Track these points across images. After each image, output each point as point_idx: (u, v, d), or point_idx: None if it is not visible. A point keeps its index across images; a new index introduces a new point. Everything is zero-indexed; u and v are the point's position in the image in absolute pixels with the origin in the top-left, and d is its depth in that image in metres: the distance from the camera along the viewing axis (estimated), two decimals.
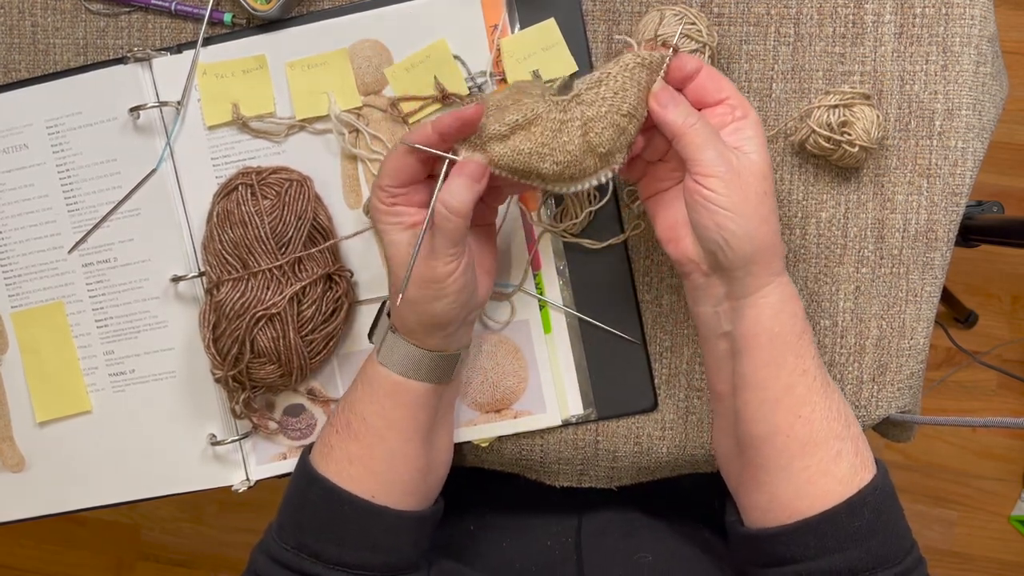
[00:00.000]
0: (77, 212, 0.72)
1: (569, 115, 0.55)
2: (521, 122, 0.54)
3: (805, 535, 0.55)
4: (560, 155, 0.55)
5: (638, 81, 0.55)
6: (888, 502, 0.57)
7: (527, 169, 0.55)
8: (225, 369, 0.67)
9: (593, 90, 0.55)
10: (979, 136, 0.67)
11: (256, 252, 0.66)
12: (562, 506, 0.77)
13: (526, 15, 0.68)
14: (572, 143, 0.55)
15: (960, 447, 1.57)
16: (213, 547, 1.71)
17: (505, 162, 0.55)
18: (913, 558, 0.56)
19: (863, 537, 0.55)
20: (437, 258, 0.56)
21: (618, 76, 0.55)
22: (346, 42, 0.69)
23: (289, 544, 0.61)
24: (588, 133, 0.55)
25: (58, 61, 0.73)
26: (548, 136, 0.54)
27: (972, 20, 0.66)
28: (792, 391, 0.57)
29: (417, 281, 0.57)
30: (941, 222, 0.68)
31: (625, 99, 0.55)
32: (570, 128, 0.55)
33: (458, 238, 0.55)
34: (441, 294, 0.57)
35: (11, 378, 0.74)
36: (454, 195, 0.54)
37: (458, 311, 0.59)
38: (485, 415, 0.71)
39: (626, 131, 0.55)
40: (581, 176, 0.56)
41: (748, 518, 0.60)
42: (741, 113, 0.56)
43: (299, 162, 0.70)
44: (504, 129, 0.54)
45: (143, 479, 0.74)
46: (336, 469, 0.61)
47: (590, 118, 0.54)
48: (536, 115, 0.54)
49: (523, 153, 0.54)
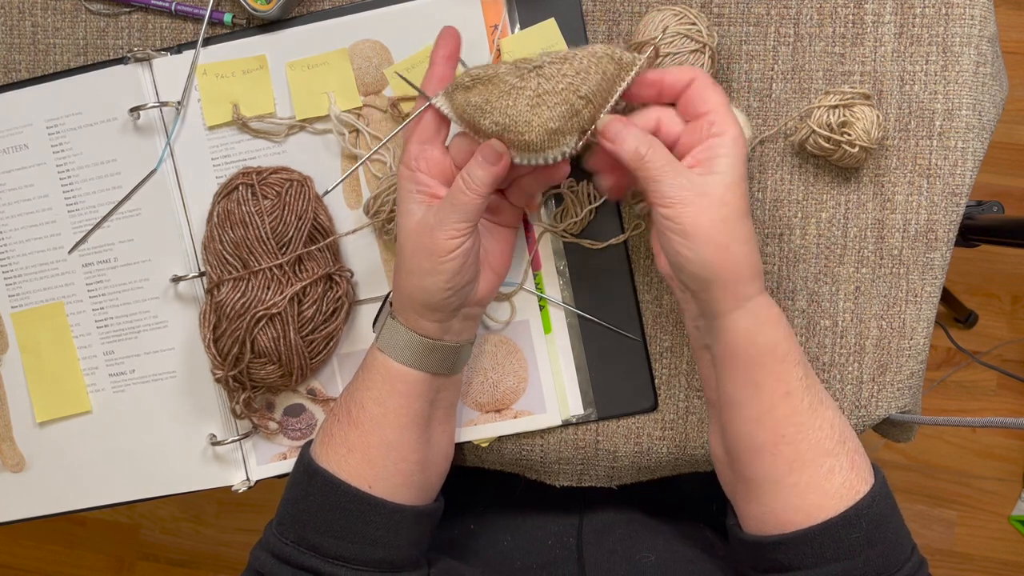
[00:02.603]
0: (77, 212, 0.72)
1: (524, 83, 0.55)
2: (482, 77, 0.56)
3: (802, 545, 0.55)
4: (499, 116, 0.55)
5: (603, 70, 0.55)
6: (886, 512, 0.57)
7: (471, 121, 0.57)
8: (225, 369, 0.68)
9: (556, 65, 0.55)
10: (979, 136, 0.67)
11: (256, 252, 0.66)
12: (563, 505, 0.77)
13: (526, 15, 0.68)
14: (515, 108, 0.55)
15: (960, 447, 1.57)
16: (213, 547, 1.71)
17: (459, 111, 0.57)
18: (912, 564, 0.57)
19: (860, 547, 0.55)
20: (442, 227, 0.56)
21: (584, 59, 0.55)
22: (346, 42, 0.69)
23: (289, 538, 0.61)
24: (539, 106, 0.55)
25: (58, 61, 0.73)
26: (495, 95, 0.55)
27: (972, 20, 0.66)
28: (773, 412, 0.56)
29: (417, 250, 0.57)
30: (941, 222, 0.68)
31: (585, 81, 0.55)
32: (519, 95, 0.55)
33: (467, 214, 0.56)
34: (436, 269, 0.57)
35: (11, 378, 0.74)
36: (471, 172, 0.56)
37: (450, 295, 0.58)
38: (485, 415, 0.71)
39: (580, 114, 0.55)
40: (525, 148, 0.56)
41: (745, 525, 0.60)
42: (718, 130, 0.55)
43: (299, 162, 0.70)
44: (467, 80, 0.56)
45: (143, 479, 0.74)
46: (335, 458, 0.61)
47: (546, 91, 0.55)
48: (496, 74, 0.56)
49: (471, 105, 0.56)
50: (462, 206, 0.56)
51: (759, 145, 0.68)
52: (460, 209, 0.56)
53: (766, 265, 0.69)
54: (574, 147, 0.57)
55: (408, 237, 0.58)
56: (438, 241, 0.56)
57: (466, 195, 0.56)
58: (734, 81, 0.68)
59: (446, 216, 0.56)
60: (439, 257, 0.57)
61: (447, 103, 0.57)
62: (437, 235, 0.56)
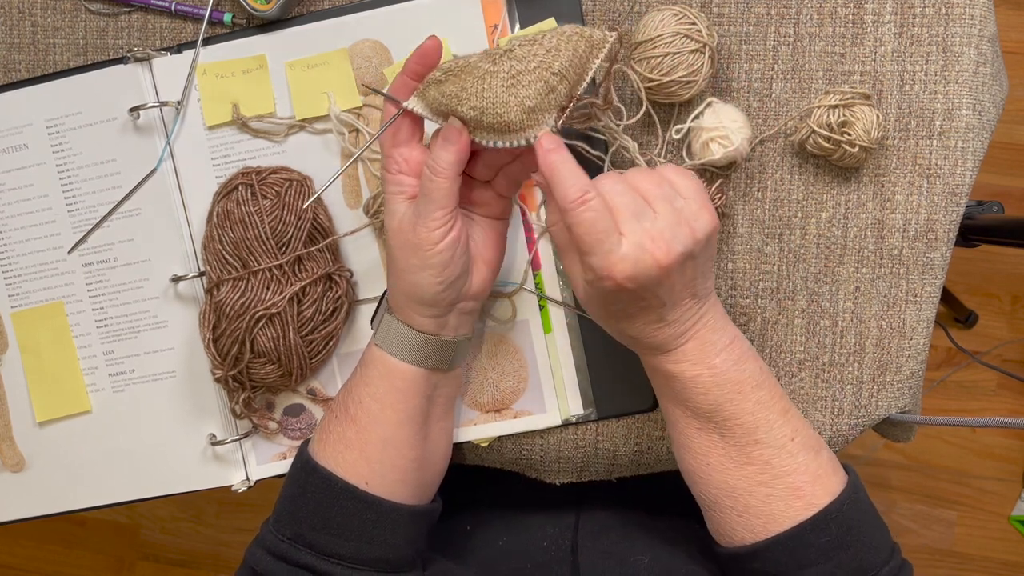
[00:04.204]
0: (77, 212, 0.72)
1: (497, 67, 0.56)
2: (454, 69, 0.56)
3: (776, 552, 0.57)
4: (476, 100, 0.56)
5: (574, 47, 0.56)
6: (858, 516, 0.58)
7: (448, 112, 0.57)
8: (225, 369, 0.68)
9: (526, 47, 0.56)
10: (979, 136, 0.67)
11: (256, 252, 0.66)
12: (559, 505, 0.77)
13: (526, 15, 0.68)
14: (492, 91, 0.56)
15: (960, 447, 1.57)
16: (213, 547, 1.71)
17: (435, 105, 0.57)
18: (891, 568, 0.57)
19: (832, 551, 0.56)
20: (422, 221, 0.57)
21: (553, 38, 0.56)
22: (346, 42, 0.69)
23: (285, 535, 0.61)
24: (515, 87, 0.55)
25: (58, 61, 0.73)
26: (470, 82, 0.56)
27: (972, 20, 0.66)
28: (699, 455, 0.59)
29: (404, 248, 0.58)
30: (941, 222, 0.68)
31: (557, 58, 0.55)
32: (493, 78, 0.56)
33: (441, 200, 0.56)
34: (426, 264, 0.57)
35: (11, 378, 0.74)
36: (435, 156, 0.56)
37: (442, 290, 0.59)
38: (485, 415, 0.71)
39: (555, 90, 0.56)
40: (506, 130, 0.56)
41: (714, 536, 0.62)
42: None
43: (299, 162, 0.70)
44: (439, 75, 0.56)
45: (143, 479, 0.74)
46: (332, 453, 0.62)
47: (519, 71, 0.55)
48: (468, 64, 0.56)
49: (446, 95, 0.56)
50: (433, 193, 0.56)
51: (759, 145, 0.68)
52: (433, 197, 0.56)
53: (766, 265, 0.69)
54: (554, 125, 0.57)
55: (394, 236, 0.59)
56: (421, 235, 0.57)
57: (434, 181, 0.56)
58: (734, 81, 0.68)
59: (423, 208, 0.57)
60: (425, 251, 0.57)
61: (420, 103, 0.58)
62: (419, 230, 0.57)
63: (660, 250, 0.51)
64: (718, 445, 0.58)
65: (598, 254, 0.51)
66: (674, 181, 0.55)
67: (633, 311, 0.55)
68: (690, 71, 0.63)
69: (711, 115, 0.65)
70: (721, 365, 0.57)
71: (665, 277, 0.52)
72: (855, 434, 0.70)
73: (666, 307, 0.54)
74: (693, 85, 0.64)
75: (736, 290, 0.69)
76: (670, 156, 0.69)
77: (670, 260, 0.51)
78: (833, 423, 0.69)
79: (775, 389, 0.59)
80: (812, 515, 0.56)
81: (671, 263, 0.51)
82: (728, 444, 0.58)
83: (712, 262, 0.58)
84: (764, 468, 0.57)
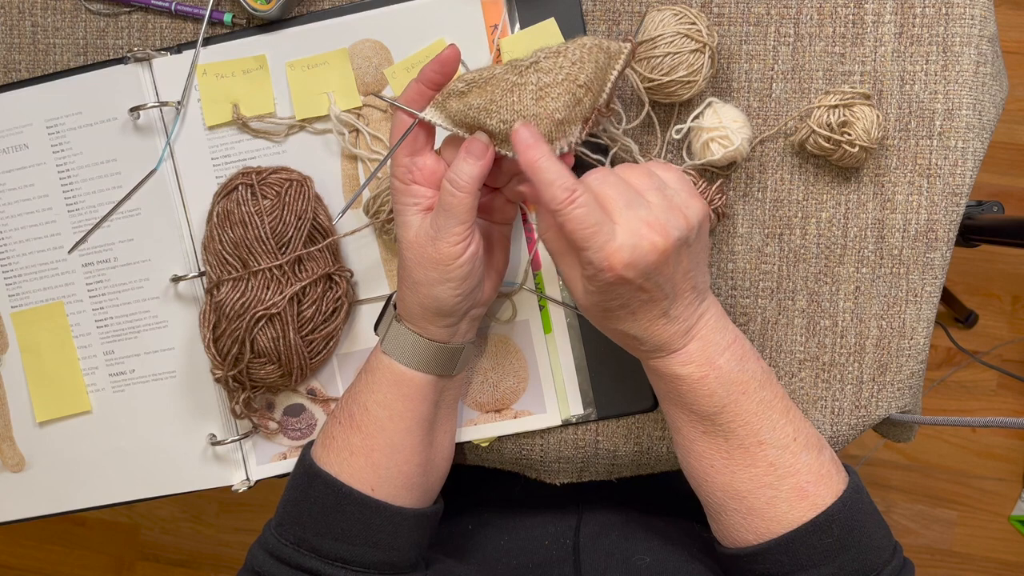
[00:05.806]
0: (77, 212, 0.72)
1: (524, 79, 0.56)
2: (478, 81, 0.56)
3: (778, 554, 0.57)
4: (506, 113, 0.56)
5: (595, 60, 0.56)
6: (860, 517, 0.58)
7: (476, 124, 0.57)
8: (225, 369, 0.68)
9: (551, 59, 0.56)
10: (979, 136, 0.67)
11: (256, 252, 0.66)
12: (561, 506, 0.77)
13: (526, 15, 0.68)
14: (521, 103, 0.56)
15: (960, 447, 1.57)
16: (213, 547, 1.71)
17: (459, 117, 0.57)
18: (893, 567, 0.57)
19: (834, 553, 0.56)
20: (443, 237, 0.56)
21: (576, 51, 0.56)
22: (346, 42, 0.69)
23: (288, 539, 0.61)
24: (544, 99, 0.55)
25: (58, 61, 0.73)
26: (498, 94, 0.56)
27: (972, 20, 0.66)
28: (703, 458, 0.59)
29: (421, 262, 0.57)
30: (941, 222, 0.68)
31: (583, 70, 0.56)
32: (522, 91, 0.56)
33: (463, 215, 0.55)
34: (446, 278, 0.57)
35: (11, 378, 0.74)
36: (457, 170, 0.55)
37: (460, 301, 0.59)
38: (485, 415, 0.71)
39: (581, 102, 0.56)
40: None
41: (718, 537, 0.63)
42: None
43: (299, 162, 0.70)
44: (462, 86, 0.56)
45: (143, 479, 0.74)
46: (337, 460, 0.61)
47: (546, 84, 0.56)
48: (492, 75, 0.56)
49: (473, 108, 0.56)
50: (455, 208, 0.55)
51: (759, 145, 0.68)
52: (453, 212, 0.55)
53: (766, 265, 0.69)
54: (579, 136, 0.57)
55: (409, 248, 0.58)
56: (442, 250, 0.56)
57: (456, 196, 0.55)
58: (734, 81, 0.68)
59: (443, 223, 0.56)
60: (446, 266, 0.56)
61: (438, 113, 0.57)
62: (439, 245, 0.56)
63: (658, 234, 0.51)
64: (722, 448, 0.58)
65: (594, 247, 0.51)
66: (660, 174, 0.55)
67: (636, 306, 0.54)
68: (690, 71, 0.63)
69: (711, 115, 0.65)
70: (725, 365, 0.57)
71: (664, 263, 0.52)
72: (855, 434, 0.70)
73: (668, 299, 0.54)
74: (693, 85, 0.64)
75: (736, 290, 0.69)
76: (670, 156, 0.69)
77: (668, 243, 0.51)
78: (833, 423, 0.69)
79: (777, 389, 0.59)
80: (815, 516, 0.56)
81: (669, 247, 0.51)
82: (732, 446, 0.58)
83: (708, 255, 0.58)
84: (768, 470, 0.57)
